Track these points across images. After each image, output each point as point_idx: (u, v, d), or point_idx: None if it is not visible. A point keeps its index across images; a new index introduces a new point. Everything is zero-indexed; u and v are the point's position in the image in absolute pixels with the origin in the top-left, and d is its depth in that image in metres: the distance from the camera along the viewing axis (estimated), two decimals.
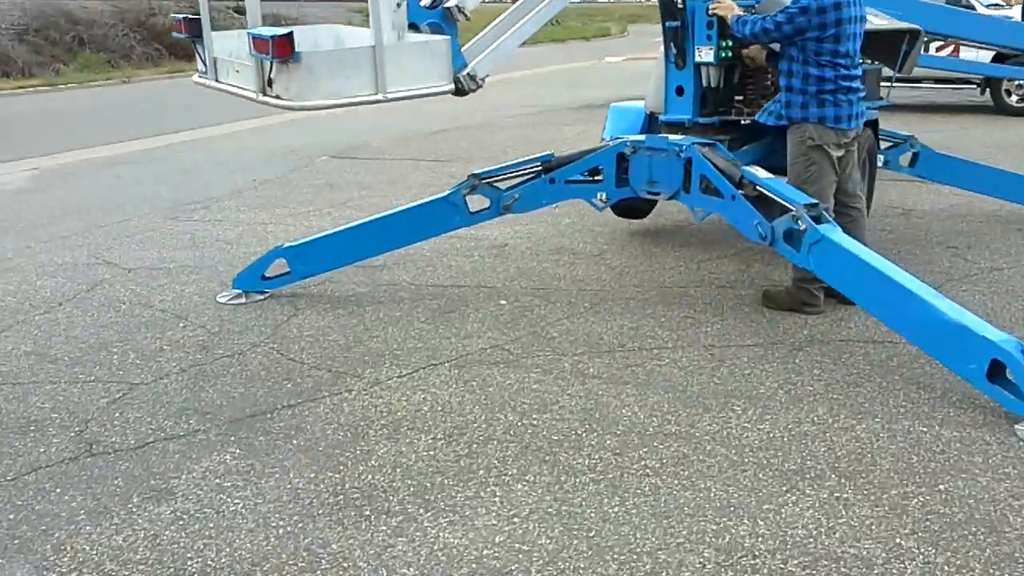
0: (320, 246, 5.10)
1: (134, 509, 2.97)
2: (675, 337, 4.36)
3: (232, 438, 3.44)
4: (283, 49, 3.44)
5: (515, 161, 5.10)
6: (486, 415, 3.56)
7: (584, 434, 3.39)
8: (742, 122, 5.33)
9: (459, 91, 4.37)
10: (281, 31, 3.49)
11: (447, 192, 5.01)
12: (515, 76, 19.14)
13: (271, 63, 3.54)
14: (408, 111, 14.31)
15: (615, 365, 4.03)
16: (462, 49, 4.34)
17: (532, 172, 5.02)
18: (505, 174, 5.05)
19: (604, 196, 5.01)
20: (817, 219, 4.13)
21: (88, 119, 13.92)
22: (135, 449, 3.38)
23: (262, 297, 5.08)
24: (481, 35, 4.46)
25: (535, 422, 3.49)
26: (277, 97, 3.61)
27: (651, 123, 5.65)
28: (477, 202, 5.05)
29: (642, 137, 4.95)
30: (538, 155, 5.04)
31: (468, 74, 4.28)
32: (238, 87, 3.91)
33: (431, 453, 3.27)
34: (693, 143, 4.71)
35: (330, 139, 11.17)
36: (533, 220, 6.53)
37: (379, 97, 3.68)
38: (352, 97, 3.68)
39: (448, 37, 3.97)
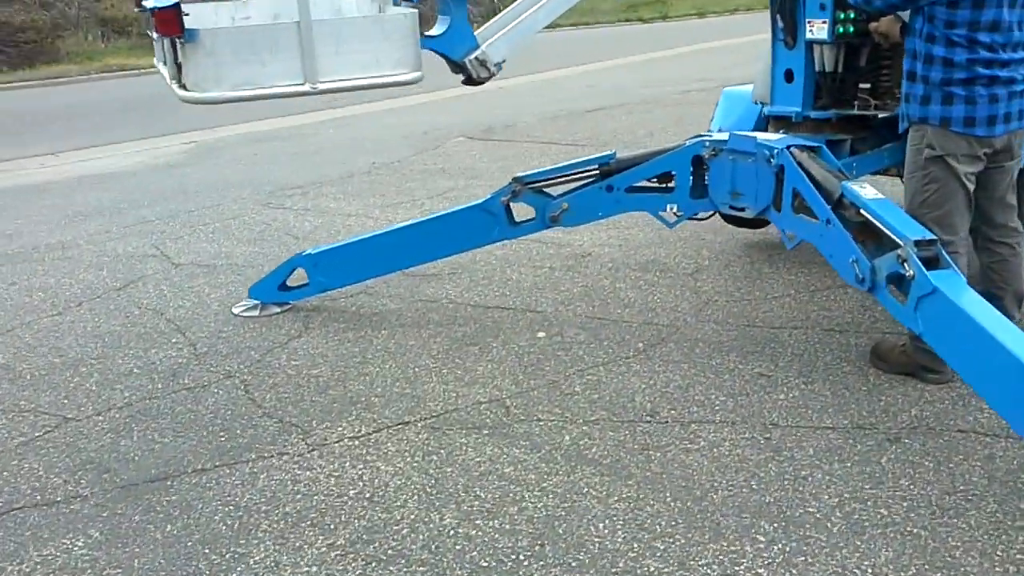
0: (342, 255, 4.38)
1: None
2: (730, 406, 3.30)
3: (105, 513, 2.78)
4: (167, 25, 2.69)
5: (568, 163, 4.15)
6: (419, 512, 2.71)
7: (526, 562, 2.47)
8: (877, 116, 4.09)
9: (469, 80, 3.51)
10: (168, 1, 2.72)
11: (484, 199, 4.15)
12: (702, 47, 17.80)
13: (171, 43, 2.81)
14: (577, 84, 13.46)
15: (629, 445, 3.05)
16: (475, 31, 3.46)
17: (587, 176, 4.06)
18: (555, 177, 4.12)
19: (676, 209, 3.98)
20: (932, 261, 2.94)
21: None
22: None
23: (279, 310, 4.44)
24: (501, 14, 3.55)
25: (473, 532, 2.60)
26: (183, 87, 2.86)
27: None
28: (525, 210, 4.16)
29: (725, 136, 3.86)
30: (596, 156, 4.07)
31: (477, 58, 3.40)
32: (165, 72, 3.22)
33: (311, 571, 2.46)
34: (788, 146, 3.58)
35: (479, 118, 10.55)
36: (633, 223, 5.56)
37: (306, 88, 2.85)
38: (270, 88, 2.88)
39: (413, 11, 3.07)
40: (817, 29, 3.84)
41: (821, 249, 3.44)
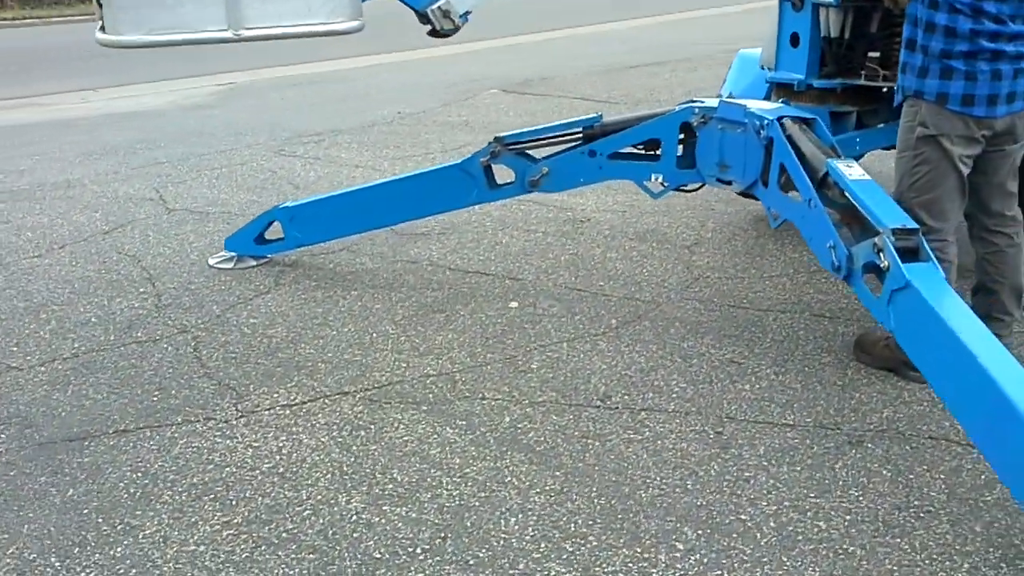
0: (316, 210, 4.23)
1: None
2: (689, 394, 3.09)
3: (13, 472, 2.70)
4: None
5: (552, 124, 3.93)
6: (327, 493, 2.57)
7: (421, 556, 2.31)
8: (892, 88, 3.77)
9: (434, 31, 3.30)
10: None
11: (463, 159, 3.95)
12: (771, 3, 17.08)
13: None
14: (627, 39, 13.04)
15: (569, 431, 2.87)
16: None
17: (570, 140, 3.83)
18: (538, 139, 3.90)
19: (661, 179, 3.73)
20: (910, 252, 2.67)
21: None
22: None
23: (255, 263, 4.33)
24: None
25: (376, 519, 2.46)
26: (102, 29, 2.71)
27: None
28: (509, 173, 3.96)
29: (715, 103, 3.58)
30: (581, 118, 3.84)
31: (440, 8, 3.18)
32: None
33: (197, 550, 2.34)
34: (779, 117, 3.30)
35: (519, 70, 10.29)
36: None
37: (229, 35, 2.68)
38: (191, 33, 2.71)
39: None
40: None
41: (802, 230, 3.18)
